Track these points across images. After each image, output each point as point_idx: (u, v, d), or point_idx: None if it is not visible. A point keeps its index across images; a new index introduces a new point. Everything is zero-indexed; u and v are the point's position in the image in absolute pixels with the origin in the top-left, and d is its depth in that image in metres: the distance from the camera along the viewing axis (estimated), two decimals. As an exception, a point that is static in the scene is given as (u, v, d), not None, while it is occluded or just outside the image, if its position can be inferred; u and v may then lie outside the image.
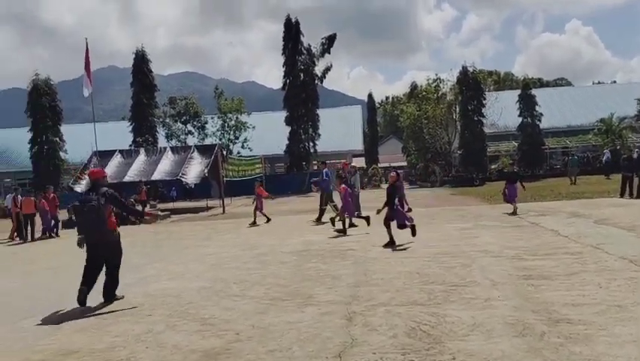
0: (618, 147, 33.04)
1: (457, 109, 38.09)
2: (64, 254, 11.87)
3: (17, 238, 16.31)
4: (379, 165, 56.42)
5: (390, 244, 9.82)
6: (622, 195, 16.67)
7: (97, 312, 6.29)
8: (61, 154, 35.12)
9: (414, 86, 47.52)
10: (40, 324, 5.92)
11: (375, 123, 65.50)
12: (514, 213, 13.96)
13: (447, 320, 5.15)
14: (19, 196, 16.34)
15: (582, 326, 4.67)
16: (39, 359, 4.71)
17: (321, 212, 15.28)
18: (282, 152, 36.98)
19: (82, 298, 6.54)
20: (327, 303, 6.04)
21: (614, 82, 74.88)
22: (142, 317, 5.98)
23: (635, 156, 17.49)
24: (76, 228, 7.29)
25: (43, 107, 34.11)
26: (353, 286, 6.82)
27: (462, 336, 4.64)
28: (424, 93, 40.75)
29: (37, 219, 16.42)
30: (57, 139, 34.97)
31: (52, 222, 16.46)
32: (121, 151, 24.19)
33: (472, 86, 36.30)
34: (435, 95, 39.51)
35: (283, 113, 37.41)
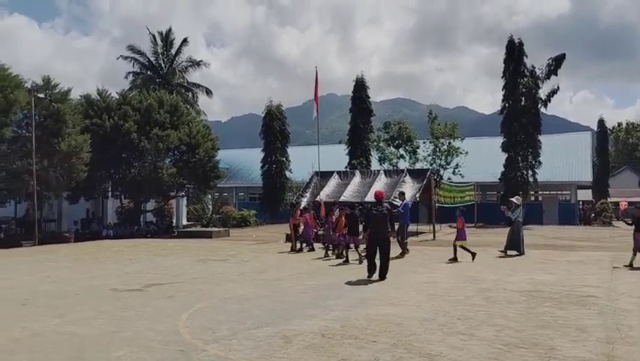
0: None
1: None
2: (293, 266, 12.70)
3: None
4: (609, 199, 49.85)
5: None
6: None
7: (324, 331, 6.35)
8: (287, 173, 38.43)
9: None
10: (273, 335, 6.18)
11: (607, 152, 58.16)
12: None
13: None
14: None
15: None
16: (275, 372, 4.86)
17: (403, 247, 14.93)
18: (495, 179, 34.95)
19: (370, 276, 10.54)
20: (575, 359, 5.16)
21: None
22: (367, 342, 5.86)
23: None
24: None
25: (274, 130, 37.86)
26: (605, 342, 5.77)
27: None
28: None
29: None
30: (284, 159, 38.38)
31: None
32: (339, 172, 25.39)
33: None
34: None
35: (499, 139, 35.42)
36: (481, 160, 37.25)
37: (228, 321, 6.90)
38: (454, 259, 13.45)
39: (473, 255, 13.42)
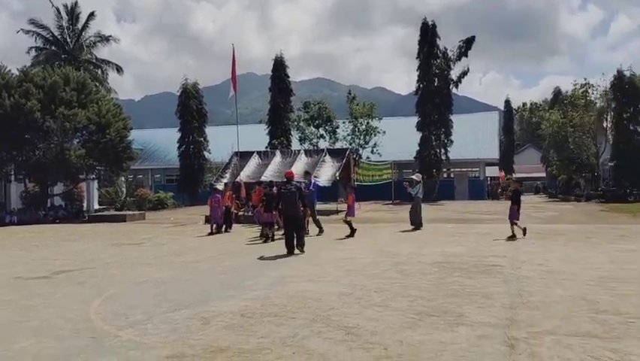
0: None
1: (610, 117, 34.60)
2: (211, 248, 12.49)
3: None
4: (514, 175, 53.21)
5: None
6: None
7: (243, 311, 6.31)
8: (205, 153, 37.58)
9: (557, 91, 44.11)
10: (190, 318, 6.05)
11: (512, 131, 61.90)
12: None
13: (632, 359, 4.37)
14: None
15: None
16: (193, 354, 4.77)
17: (318, 225, 14.96)
18: (411, 158, 36.23)
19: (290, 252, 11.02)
20: (481, 324, 5.48)
21: None
22: (286, 319, 5.89)
23: None
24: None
25: (190, 109, 36.78)
26: (509, 307, 6.17)
27: (659, 383, 3.88)
28: (571, 99, 37.64)
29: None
30: (202, 139, 37.45)
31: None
32: (259, 152, 25.20)
33: (628, 91, 32.71)
34: (583, 101, 36.28)
35: (414, 119, 36.68)
36: (398, 139, 38.38)
37: (143, 305, 6.68)
38: (352, 235, 13.84)
39: (353, 231, 13.85)
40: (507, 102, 61.52)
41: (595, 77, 76.35)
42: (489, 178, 47.43)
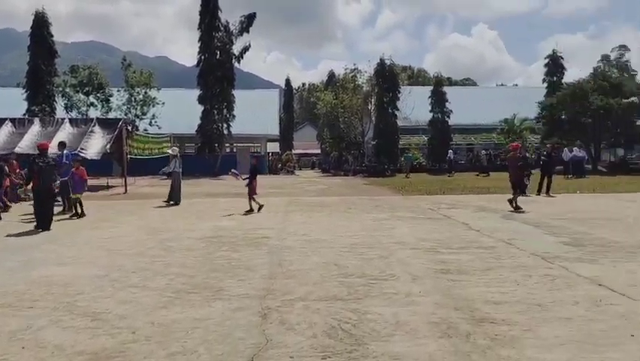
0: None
1: (373, 100, 38.60)
2: None
3: None
4: (294, 151, 56.19)
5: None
6: (539, 192, 17.24)
7: (-37, 304, 5.29)
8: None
9: (331, 74, 47.59)
10: None
11: (292, 109, 65.07)
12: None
13: (369, 317, 4.81)
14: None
15: (506, 327, 4.50)
16: None
17: (68, 204, 13.23)
18: (193, 132, 35.47)
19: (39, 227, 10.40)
20: (238, 297, 5.50)
21: (516, 85, 79.58)
22: (20, 309, 5.12)
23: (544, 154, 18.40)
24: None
25: None
26: (268, 278, 6.33)
27: (386, 336, 4.31)
28: (342, 82, 40.96)
29: None
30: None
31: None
32: (12, 120, 21.81)
33: (388, 78, 36.85)
34: (352, 84, 39.81)
35: (197, 92, 35.85)
36: (179, 112, 37.19)
37: None
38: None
39: (78, 214, 12.60)
40: (287, 81, 64.34)
41: (363, 64, 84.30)
42: (270, 154, 49.21)
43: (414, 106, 37.09)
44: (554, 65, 40.87)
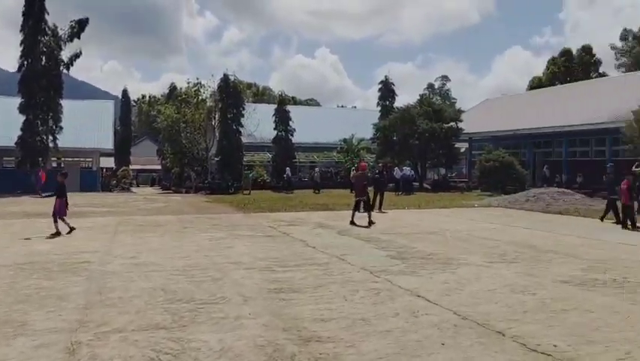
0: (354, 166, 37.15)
1: (217, 116, 38.10)
2: None
3: None
4: (131, 166, 53.07)
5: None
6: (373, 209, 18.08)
7: None
8: None
9: (173, 87, 46.03)
10: None
11: (130, 122, 61.54)
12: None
13: (192, 345, 4.52)
14: None
15: (331, 344, 4.54)
16: None
17: None
18: (12, 144, 31.57)
19: None
20: (44, 332, 4.84)
21: (355, 107, 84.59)
22: None
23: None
24: None
25: None
26: (83, 308, 5.69)
27: (208, 366, 4.07)
28: (184, 96, 39.83)
29: None
30: None
31: None
32: None
33: (232, 94, 36.69)
34: (195, 99, 38.93)
35: (18, 100, 32.05)
36: (-3, 122, 32.96)
37: None
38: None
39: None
40: (124, 92, 60.82)
41: (207, 78, 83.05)
42: (104, 169, 45.89)
43: (259, 123, 37.37)
44: (387, 90, 44.18)
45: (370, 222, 13.76)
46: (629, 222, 13.18)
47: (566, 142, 31.21)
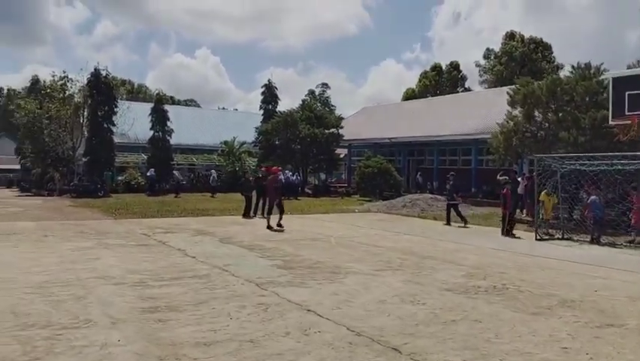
0: (237, 168, 36.33)
1: (86, 113, 35.17)
2: None
3: None
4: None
5: None
6: (247, 215, 17.64)
7: None
8: None
9: (36, 80, 41.84)
10: None
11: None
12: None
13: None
14: None
15: (216, 374, 4.03)
16: None
17: None
18: None
19: None
20: None
21: (237, 110, 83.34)
22: None
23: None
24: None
25: None
26: None
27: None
28: (49, 90, 36.27)
29: None
30: None
31: None
32: None
33: (103, 90, 34.07)
34: (61, 94, 35.59)
35: None
36: None
37: None
38: None
39: None
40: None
41: (75, 72, 76.92)
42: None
43: (133, 122, 35.12)
44: (270, 94, 43.89)
45: (269, 226, 13.95)
46: (508, 227, 13.97)
47: (437, 151, 33.15)
